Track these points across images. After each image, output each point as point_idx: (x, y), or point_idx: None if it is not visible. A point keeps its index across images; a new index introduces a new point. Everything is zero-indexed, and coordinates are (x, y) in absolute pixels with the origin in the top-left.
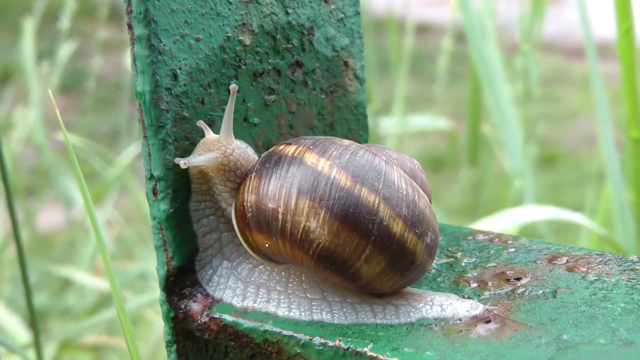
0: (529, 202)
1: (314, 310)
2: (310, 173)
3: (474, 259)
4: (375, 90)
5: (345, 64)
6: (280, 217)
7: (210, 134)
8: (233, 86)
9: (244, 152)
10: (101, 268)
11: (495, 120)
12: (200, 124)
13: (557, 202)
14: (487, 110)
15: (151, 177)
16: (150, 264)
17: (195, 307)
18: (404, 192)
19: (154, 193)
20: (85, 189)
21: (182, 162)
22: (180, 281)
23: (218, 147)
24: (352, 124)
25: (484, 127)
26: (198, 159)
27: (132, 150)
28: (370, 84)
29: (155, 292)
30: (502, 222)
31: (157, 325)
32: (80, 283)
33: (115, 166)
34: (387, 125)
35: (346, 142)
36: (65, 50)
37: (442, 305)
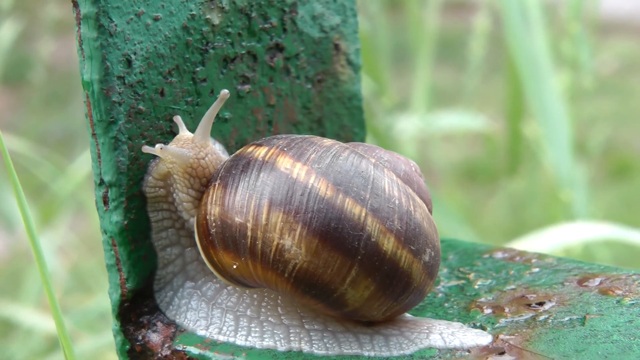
0: (580, 218)
1: (291, 339)
2: (283, 181)
3: (489, 280)
4: (391, 83)
5: (336, 47)
6: (249, 233)
7: (184, 132)
8: (224, 92)
9: (216, 158)
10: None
11: (539, 119)
12: (177, 119)
13: (631, 223)
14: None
15: (101, 182)
16: None
17: (154, 338)
18: (396, 201)
19: (105, 202)
20: (24, 204)
21: (158, 147)
22: (137, 307)
23: (192, 147)
24: (345, 120)
25: (526, 128)
26: (172, 150)
27: (90, 158)
28: (384, 75)
29: None
30: (544, 244)
31: None
32: (27, 323)
33: (69, 178)
34: (406, 125)
35: (328, 142)
36: (7, 32)
37: (441, 334)
